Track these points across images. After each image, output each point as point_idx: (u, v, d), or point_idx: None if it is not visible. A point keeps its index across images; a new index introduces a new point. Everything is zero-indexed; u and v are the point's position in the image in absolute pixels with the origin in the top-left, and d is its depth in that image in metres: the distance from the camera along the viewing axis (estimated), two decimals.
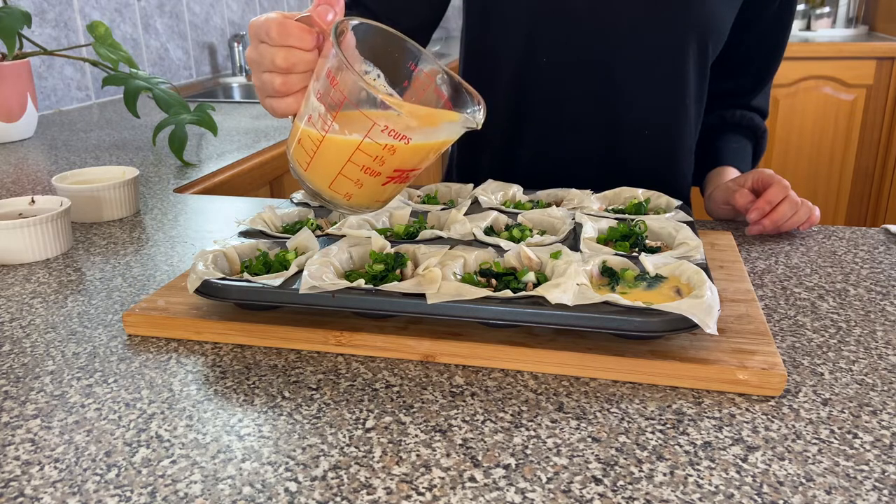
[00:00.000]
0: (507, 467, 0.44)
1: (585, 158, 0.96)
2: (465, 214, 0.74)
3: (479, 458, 0.45)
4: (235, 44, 2.36)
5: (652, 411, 0.50)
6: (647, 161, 0.96)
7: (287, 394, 0.53)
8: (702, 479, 0.43)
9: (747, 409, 0.50)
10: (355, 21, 0.59)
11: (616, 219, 0.74)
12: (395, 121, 0.54)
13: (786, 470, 0.44)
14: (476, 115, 0.59)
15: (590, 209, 0.77)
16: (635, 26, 0.89)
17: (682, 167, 0.99)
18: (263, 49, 0.59)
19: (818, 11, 3.03)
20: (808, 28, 3.07)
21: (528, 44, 0.92)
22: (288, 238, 0.69)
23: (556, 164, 0.98)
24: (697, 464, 0.45)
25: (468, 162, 1.08)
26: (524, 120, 0.97)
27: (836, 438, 0.47)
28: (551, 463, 0.45)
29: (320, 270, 0.59)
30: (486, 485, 0.43)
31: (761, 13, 0.97)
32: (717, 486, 0.43)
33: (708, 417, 0.49)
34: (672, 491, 0.42)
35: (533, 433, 0.48)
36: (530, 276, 0.59)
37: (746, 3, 0.94)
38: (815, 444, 0.47)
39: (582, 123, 0.95)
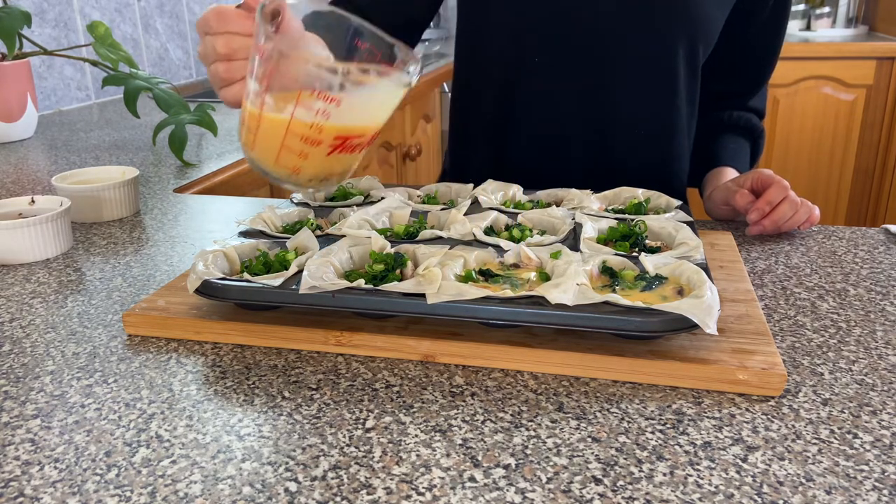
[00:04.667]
0: (507, 467, 0.44)
1: (578, 157, 0.97)
2: (465, 214, 0.74)
3: (479, 458, 0.45)
4: None
5: (652, 411, 0.50)
6: (640, 160, 0.96)
7: (287, 394, 0.53)
8: (702, 479, 0.43)
9: (747, 409, 0.50)
10: (291, 0, 0.58)
11: (616, 219, 0.74)
12: (321, 81, 0.53)
13: (786, 470, 0.44)
14: (410, 72, 0.57)
15: (590, 209, 0.77)
16: (625, 27, 0.89)
17: (676, 167, 0.99)
18: (207, 40, 0.60)
19: (818, 11, 3.03)
20: (808, 28, 3.07)
21: (520, 44, 0.93)
22: (288, 238, 0.69)
23: (548, 164, 0.98)
24: (697, 464, 0.45)
25: (461, 161, 1.08)
26: (516, 119, 0.98)
27: (836, 438, 0.47)
28: (551, 463, 0.45)
29: (320, 270, 0.59)
30: (486, 485, 0.43)
31: (755, 16, 0.97)
32: (717, 486, 0.43)
33: (708, 417, 0.49)
34: (672, 491, 0.42)
35: (533, 433, 0.48)
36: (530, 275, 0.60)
37: (739, 6, 0.94)
38: (815, 444, 0.47)
39: (574, 123, 0.95)
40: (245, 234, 0.71)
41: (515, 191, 0.83)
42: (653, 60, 0.91)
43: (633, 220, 0.72)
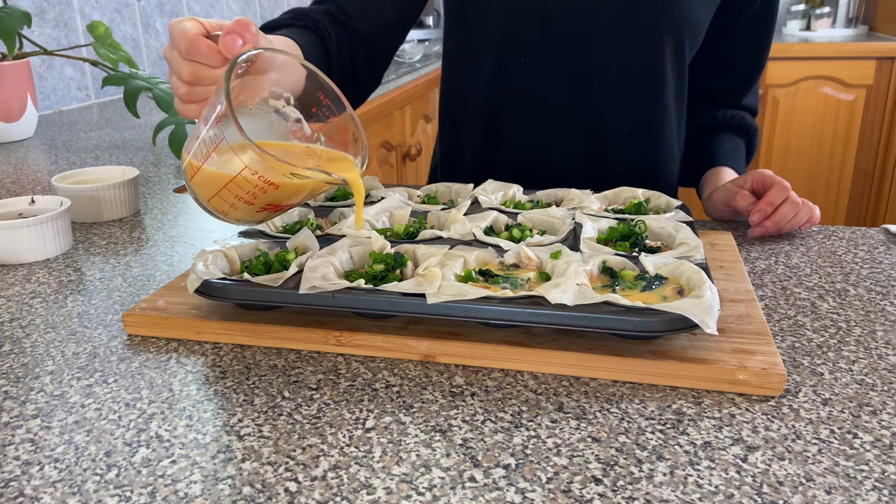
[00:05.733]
0: (507, 467, 0.44)
1: (566, 157, 0.97)
2: (465, 214, 0.74)
3: (479, 458, 0.45)
4: None
5: (652, 411, 0.50)
6: (628, 159, 0.96)
7: (287, 394, 0.53)
8: (702, 479, 0.43)
9: (747, 409, 0.50)
10: (268, 53, 0.60)
11: (616, 219, 0.74)
12: (265, 169, 0.55)
13: (786, 470, 0.44)
14: (351, 170, 0.61)
15: (590, 209, 0.77)
16: (610, 27, 0.89)
17: (665, 166, 0.99)
18: (174, 55, 0.62)
19: (818, 11, 3.04)
20: (808, 28, 3.07)
21: (504, 44, 0.93)
22: (288, 238, 0.69)
23: (537, 163, 0.98)
24: (697, 464, 0.45)
25: (450, 160, 1.08)
26: (504, 119, 0.98)
27: (836, 438, 0.47)
28: (551, 463, 0.45)
29: (320, 270, 0.59)
30: (486, 485, 0.43)
31: (743, 13, 0.97)
32: (717, 486, 0.43)
33: (708, 417, 0.49)
34: (672, 491, 0.42)
35: (533, 433, 0.48)
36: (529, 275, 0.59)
37: (725, 4, 0.94)
38: (815, 444, 0.47)
39: (561, 123, 0.95)
40: (245, 234, 0.71)
41: (515, 191, 0.83)
42: (639, 60, 0.91)
43: (633, 220, 0.72)
